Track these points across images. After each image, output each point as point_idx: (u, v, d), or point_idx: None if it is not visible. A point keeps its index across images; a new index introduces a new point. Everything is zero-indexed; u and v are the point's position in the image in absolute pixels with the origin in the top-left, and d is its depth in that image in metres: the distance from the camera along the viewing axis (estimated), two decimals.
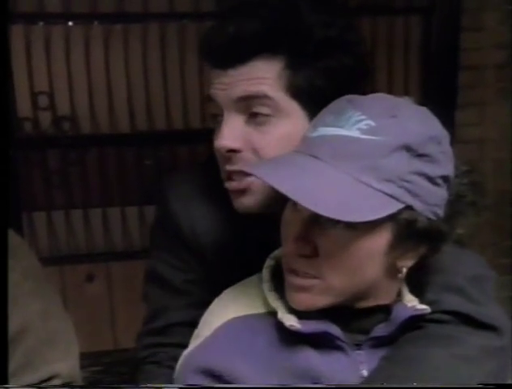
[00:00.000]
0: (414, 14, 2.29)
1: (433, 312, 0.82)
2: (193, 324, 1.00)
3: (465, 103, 2.33)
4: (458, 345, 0.80)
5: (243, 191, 0.93)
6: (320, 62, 0.88)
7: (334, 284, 0.77)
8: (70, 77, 2.07)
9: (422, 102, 0.82)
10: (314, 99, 0.88)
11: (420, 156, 0.74)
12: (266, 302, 0.84)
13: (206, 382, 0.80)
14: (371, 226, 0.74)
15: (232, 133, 0.90)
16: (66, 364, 1.09)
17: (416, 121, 0.76)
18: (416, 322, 0.82)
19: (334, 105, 0.80)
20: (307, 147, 0.78)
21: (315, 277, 0.77)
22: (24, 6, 2.01)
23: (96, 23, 2.07)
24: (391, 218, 0.74)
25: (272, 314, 0.82)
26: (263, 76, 0.88)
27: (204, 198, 1.04)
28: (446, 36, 2.28)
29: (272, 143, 0.89)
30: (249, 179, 0.91)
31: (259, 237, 0.98)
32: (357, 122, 0.75)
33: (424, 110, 0.80)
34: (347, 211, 0.71)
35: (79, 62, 2.07)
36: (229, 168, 0.92)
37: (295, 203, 0.78)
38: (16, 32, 2.01)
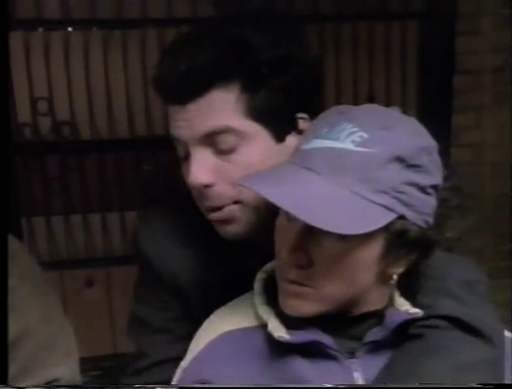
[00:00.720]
0: (410, 18, 2.29)
1: (428, 317, 0.83)
2: (177, 359, 1.01)
3: (462, 107, 2.33)
4: (455, 355, 0.80)
5: (226, 221, 0.94)
6: (273, 81, 0.90)
7: (327, 292, 0.78)
8: (70, 82, 2.07)
9: (419, 107, 0.83)
10: (274, 117, 0.90)
11: (412, 166, 0.75)
12: (258, 315, 0.85)
13: None
14: (365, 237, 0.75)
15: (203, 167, 0.91)
16: (65, 368, 1.09)
17: (408, 133, 0.77)
18: (409, 325, 0.82)
19: (327, 117, 0.81)
20: (301, 160, 0.78)
21: (309, 286, 0.78)
22: (24, 13, 2.00)
23: (94, 28, 2.07)
24: (384, 228, 0.75)
25: (265, 326, 0.83)
26: (222, 107, 0.89)
27: (176, 236, 1.04)
28: (443, 40, 2.29)
29: (243, 170, 0.89)
30: (231, 207, 0.92)
31: (240, 264, 0.99)
32: (350, 135, 0.76)
33: (413, 121, 0.81)
34: (341, 224, 0.71)
35: (79, 68, 2.07)
36: (207, 204, 0.93)
37: (288, 213, 0.78)
38: (15, 38, 2.01)
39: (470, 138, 2.36)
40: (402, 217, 0.75)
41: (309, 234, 0.76)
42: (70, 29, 2.06)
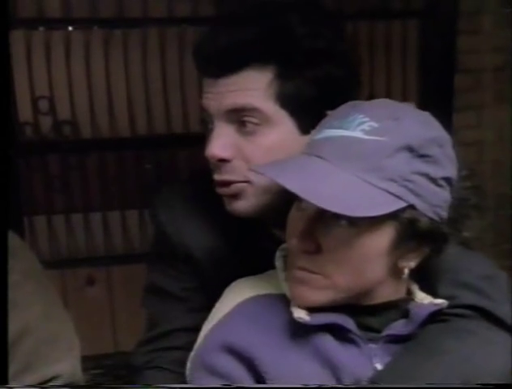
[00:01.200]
0: (411, 17, 2.29)
1: (454, 306, 0.83)
2: (194, 329, 1.01)
3: (463, 106, 2.33)
4: (478, 339, 0.81)
5: (235, 196, 0.95)
6: (308, 72, 0.90)
7: (336, 280, 0.78)
8: (71, 81, 2.08)
9: (420, 106, 0.83)
10: (303, 108, 0.90)
11: (422, 156, 0.76)
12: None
13: (229, 360, 0.81)
14: (373, 224, 0.75)
15: (222, 142, 0.92)
16: (67, 364, 1.09)
17: (418, 124, 0.78)
18: (434, 317, 0.83)
19: (339, 110, 0.81)
20: (313, 149, 0.80)
21: (318, 273, 0.78)
22: (25, 12, 2.01)
23: (95, 27, 2.08)
24: (394, 217, 0.75)
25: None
26: (253, 87, 0.89)
27: (193, 210, 1.05)
28: (443, 39, 2.29)
29: (262, 152, 0.90)
30: (239, 185, 0.93)
31: (250, 243, 1.00)
32: (361, 124, 0.76)
33: (426, 114, 0.81)
34: (351, 207, 0.72)
35: (79, 67, 2.07)
36: (218, 177, 0.94)
37: (300, 202, 0.79)
38: (17, 37, 2.01)
39: (471, 137, 2.35)
40: (412, 207, 0.75)
41: (319, 221, 0.77)
42: (71, 28, 2.06)
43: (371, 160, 0.75)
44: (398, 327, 0.82)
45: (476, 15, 2.29)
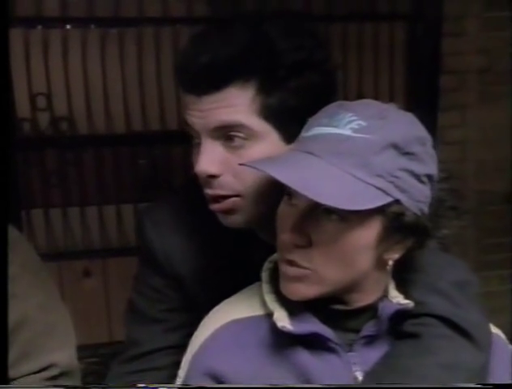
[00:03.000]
0: (398, 20, 2.29)
1: (420, 315, 0.83)
2: (173, 348, 1.01)
3: (447, 106, 2.34)
4: (443, 354, 0.81)
5: (228, 211, 0.94)
6: (291, 84, 0.89)
7: (326, 274, 0.78)
8: (68, 79, 2.07)
9: (406, 105, 0.84)
10: (286, 118, 0.90)
11: (407, 154, 0.77)
12: (265, 304, 0.85)
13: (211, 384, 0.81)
14: (362, 218, 0.76)
15: (210, 158, 0.91)
16: (63, 353, 1.09)
17: (403, 123, 0.79)
18: (401, 317, 0.83)
19: (327, 110, 0.82)
20: (303, 145, 0.80)
21: (308, 268, 0.79)
22: (23, 11, 2.00)
23: (92, 26, 2.06)
24: (381, 211, 0.76)
25: (270, 315, 0.83)
26: (237, 103, 0.88)
27: (179, 226, 1.05)
28: (429, 41, 2.30)
29: None
30: (231, 200, 0.93)
31: (237, 261, 1.00)
32: (349, 122, 0.77)
33: (409, 115, 0.83)
34: (342, 201, 0.73)
35: (77, 65, 2.06)
36: (210, 192, 0.94)
37: (290, 198, 0.80)
38: (15, 36, 2.00)
39: (455, 136, 2.37)
40: (398, 202, 0.76)
41: (310, 216, 0.78)
42: (68, 27, 2.05)
43: (360, 156, 0.75)
44: (369, 327, 0.83)
45: (461, 19, 2.30)
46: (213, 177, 0.92)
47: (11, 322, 1.03)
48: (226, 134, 0.90)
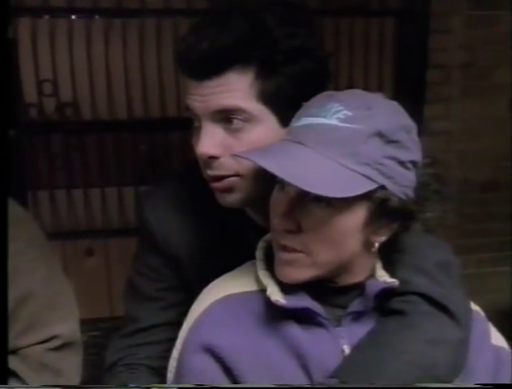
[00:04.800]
0: (388, 16, 2.29)
1: (405, 293, 0.84)
2: (169, 325, 1.01)
3: (433, 99, 2.34)
4: (425, 329, 0.81)
5: (227, 190, 0.94)
6: (287, 69, 0.89)
7: (317, 257, 0.79)
8: (73, 66, 2.06)
9: (394, 97, 0.83)
10: (283, 103, 0.90)
11: (392, 142, 0.76)
12: (258, 280, 0.85)
13: (205, 360, 0.80)
14: (349, 204, 0.76)
15: (211, 141, 0.90)
16: (66, 326, 1.10)
17: (388, 112, 0.79)
18: (387, 295, 0.83)
19: (316, 100, 0.81)
20: (293, 135, 0.80)
21: (301, 252, 0.79)
22: (31, 1, 1.99)
23: (97, 17, 2.05)
24: (367, 197, 0.76)
25: (263, 291, 0.83)
26: (236, 88, 0.88)
27: (176, 209, 1.04)
28: (417, 37, 2.29)
29: (248, 148, 0.89)
30: (230, 179, 0.93)
31: (230, 241, 1.00)
32: (336, 113, 0.76)
33: (395, 104, 0.82)
34: (329, 189, 0.73)
35: (81, 53, 2.05)
36: (211, 173, 0.93)
37: (282, 186, 0.80)
38: (23, 25, 1.99)
39: (439, 127, 2.37)
40: (383, 188, 0.76)
41: (299, 202, 0.78)
42: (73, 17, 2.04)
43: (346, 145, 0.75)
44: (356, 304, 0.83)
45: (447, 16, 2.29)
46: (213, 158, 0.91)
47: (16, 295, 1.03)
48: (226, 117, 0.90)
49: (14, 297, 1.03)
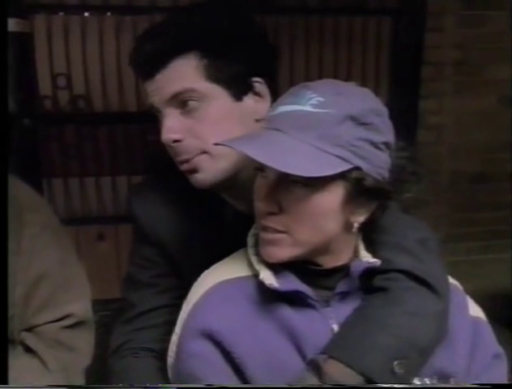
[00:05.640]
0: (385, 15, 2.28)
1: (388, 270, 0.84)
2: (166, 307, 1.02)
3: (427, 94, 2.33)
4: (407, 303, 0.82)
5: (194, 170, 0.95)
6: (227, 49, 0.92)
7: (298, 237, 0.79)
8: (85, 61, 2.06)
9: (391, 92, 0.83)
10: (231, 79, 0.92)
11: (363, 124, 0.77)
12: (251, 266, 0.85)
13: (204, 344, 0.80)
14: (326, 184, 0.76)
15: (172, 126, 0.93)
16: (79, 304, 1.10)
17: (359, 97, 0.79)
18: (371, 275, 0.84)
19: (290, 90, 0.82)
20: (270, 123, 0.80)
21: (283, 232, 0.79)
22: None
23: (108, 14, 2.05)
24: (343, 177, 0.76)
25: (256, 276, 0.83)
26: (183, 72, 0.91)
27: (162, 201, 1.05)
28: (412, 35, 2.28)
29: (208, 125, 0.92)
30: (196, 158, 0.94)
31: (215, 230, 1.00)
32: (310, 99, 0.77)
33: (366, 90, 0.83)
34: (306, 169, 0.73)
35: (93, 48, 2.05)
36: (179, 158, 0.95)
37: (262, 171, 0.80)
38: (39, 22, 1.99)
39: (432, 121, 2.36)
40: (358, 168, 0.76)
41: (279, 185, 0.78)
42: (86, 14, 2.04)
43: (320, 129, 0.75)
44: (342, 284, 0.84)
45: (441, 15, 2.28)
46: (177, 142, 0.93)
47: (33, 276, 1.04)
48: (181, 101, 0.92)
49: (30, 277, 1.03)
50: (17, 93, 1.95)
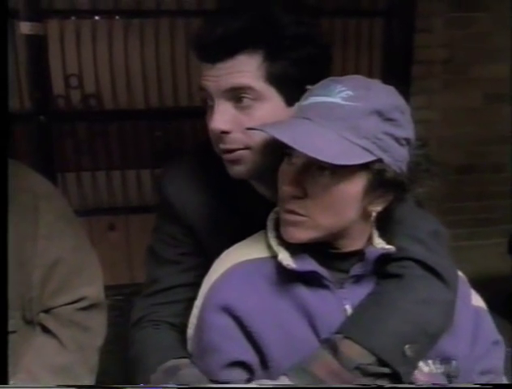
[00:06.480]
0: (377, 16, 2.28)
1: (402, 258, 0.84)
2: (189, 285, 1.01)
3: (417, 91, 2.33)
4: (419, 291, 0.82)
5: (236, 161, 0.93)
6: (292, 54, 0.89)
7: (319, 221, 0.79)
8: (96, 62, 2.07)
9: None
10: (288, 84, 0.89)
11: (389, 119, 0.77)
12: (270, 248, 0.85)
13: (224, 318, 0.80)
14: (350, 173, 0.77)
15: (223, 117, 0.90)
16: (92, 288, 1.11)
17: (386, 93, 0.79)
18: (385, 261, 0.84)
19: (321, 83, 0.82)
20: (301, 112, 0.80)
21: (305, 216, 0.79)
22: (59, 4, 2.00)
23: (117, 17, 2.06)
24: (366, 168, 0.77)
25: (274, 257, 0.83)
26: (246, 69, 0.88)
27: (192, 183, 1.03)
28: (403, 35, 2.28)
29: (256, 123, 0.88)
30: (240, 152, 0.92)
31: (240, 212, 0.99)
32: (340, 92, 0.77)
33: (391, 88, 0.82)
34: (333, 157, 0.73)
35: (104, 50, 2.06)
36: (223, 147, 0.93)
37: (290, 158, 0.80)
38: (52, 26, 2.00)
39: (422, 116, 2.36)
40: (380, 160, 0.76)
41: (305, 171, 0.78)
42: (97, 18, 2.05)
43: (348, 121, 0.75)
44: (357, 268, 0.83)
45: (430, 17, 2.28)
46: (225, 133, 0.91)
47: (48, 261, 1.05)
48: (236, 95, 0.89)
49: (46, 262, 1.04)
50: (33, 92, 1.97)
